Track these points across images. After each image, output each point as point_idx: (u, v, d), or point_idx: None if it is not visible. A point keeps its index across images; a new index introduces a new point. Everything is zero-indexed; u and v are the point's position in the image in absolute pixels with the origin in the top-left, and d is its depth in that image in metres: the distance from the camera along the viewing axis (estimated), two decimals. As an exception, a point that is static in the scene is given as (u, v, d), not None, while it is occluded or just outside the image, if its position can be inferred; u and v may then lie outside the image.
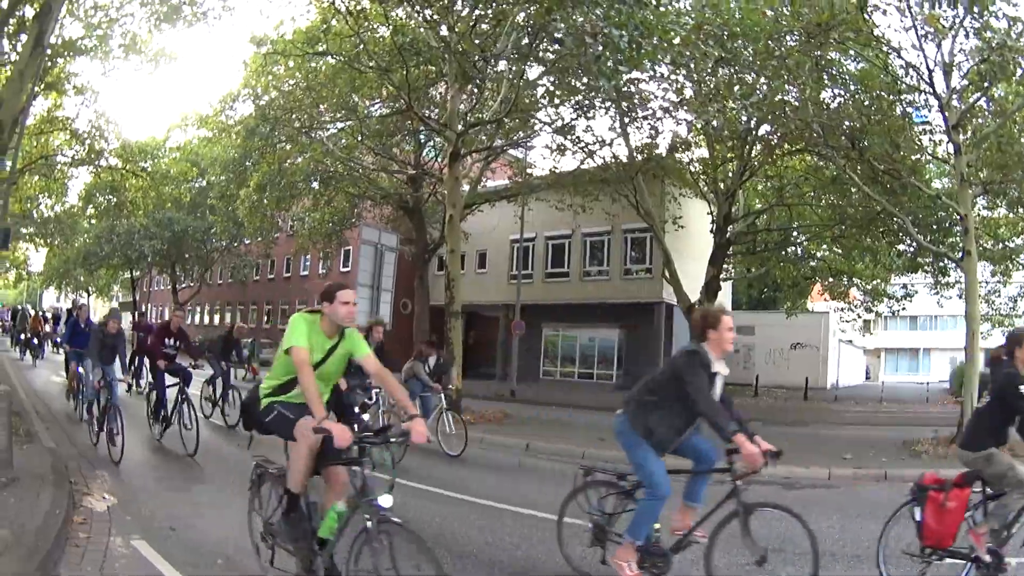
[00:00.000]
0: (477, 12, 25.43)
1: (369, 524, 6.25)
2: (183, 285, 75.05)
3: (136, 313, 74.20)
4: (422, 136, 38.83)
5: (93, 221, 62.77)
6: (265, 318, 71.61)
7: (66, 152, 41.94)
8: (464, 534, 10.22)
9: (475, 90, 29.35)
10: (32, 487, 9.37)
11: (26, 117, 28.48)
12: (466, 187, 33.45)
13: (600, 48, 20.17)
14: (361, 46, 26.81)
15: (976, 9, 18.77)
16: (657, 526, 7.98)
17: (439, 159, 40.12)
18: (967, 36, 20.33)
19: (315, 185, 38.90)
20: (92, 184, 53.23)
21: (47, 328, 41.70)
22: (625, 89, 26.71)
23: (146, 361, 21.52)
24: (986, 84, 20.43)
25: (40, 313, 45.92)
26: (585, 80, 26.50)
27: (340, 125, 33.74)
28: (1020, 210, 33.73)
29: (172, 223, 60.71)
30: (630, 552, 7.72)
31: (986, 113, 23.02)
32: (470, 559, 9.11)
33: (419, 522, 10.38)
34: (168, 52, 30.88)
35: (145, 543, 8.51)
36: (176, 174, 46.34)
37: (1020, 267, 39.45)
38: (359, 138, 33.92)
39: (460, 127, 27.18)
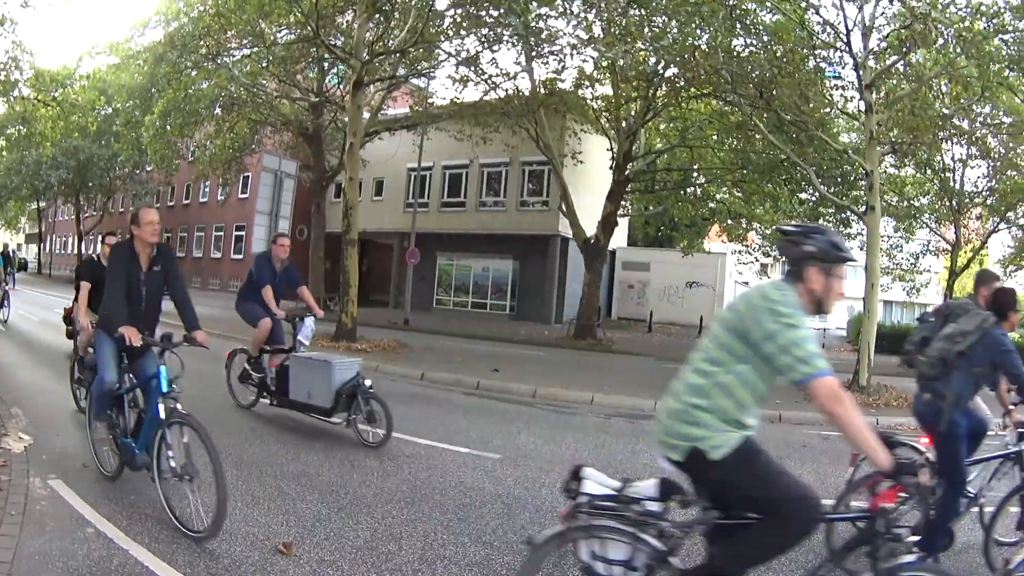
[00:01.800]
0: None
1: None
2: (86, 214, 73.80)
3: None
4: (326, 64, 38.37)
5: (4, 153, 61.50)
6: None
7: (-19, 84, 40.86)
8: (363, 464, 10.41)
9: (382, 19, 28.96)
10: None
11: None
12: (367, 115, 33.03)
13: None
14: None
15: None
16: None
17: (341, 87, 39.69)
18: (891, 1, 20.46)
19: (218, 111, 38.30)
20: (4, 115, 52.10)
21: None
22: (533, 25, 26.41)
23: None
24: (905, 49, 20.57)
25: None
26: (493, 13, 26.19)
27: (246, 51, 33.06)
28: (928, 171, 34.34)
29: (78, 152, 60.12)
30: None
31: (901, 76, 23.23)
32: (370, 488, 9.36)
33: (314, 450, 10.98)
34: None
35: (61, 482, 8.55)
36: (84, 103, 45.21)
37: (924, 225, 40.30)
38: (264, 64, 33.37)
39: (365, 56, 26.84)
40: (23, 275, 55.98)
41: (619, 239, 50.60)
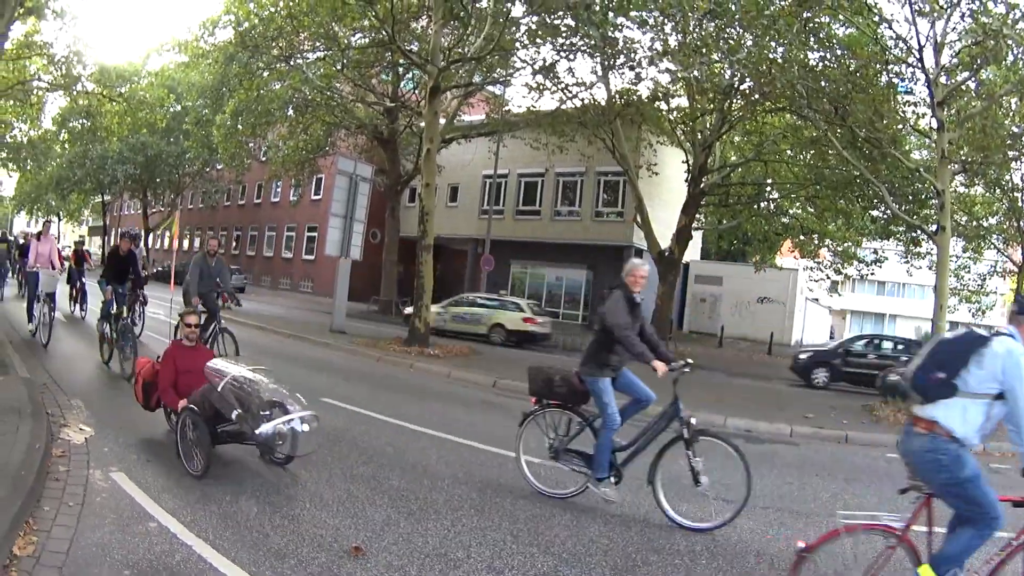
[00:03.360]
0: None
1: None
2: (153, 210, 74.65)
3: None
4: (401, 68, 38.54)
5: (67, 146, 62.19)
6: (234, 243, 71.10)
7: (43, 77, 41.35)
8: (434, 469, 10.33)
9: (458, 25, 29.14)
10: (11, 421, 9.24)
11: (4, 41, 28.09)
12: (443, 121, 33.22)
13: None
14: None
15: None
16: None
17: (417, 92, 39.90)
18: (962, 17, 20.34)
19: (291, 113, 38.74)
20: (67, 109, 52.69)
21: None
22: (611, 35, 26.47)
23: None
24: (976, 66, 20.44)
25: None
26: (569, 22, 26.28)
27: (320, 54, 33.29)
28: (997, 191, 33.99)
29: (146, 148, 61.02)
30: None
31: (972, 94, 23.04)
32: (440, 493, 9.25)
33: (385, 454, 10.84)
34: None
35: (124, 475, 8.55)
36: (152, 99, 45.66)
37: (992, 246, 39.83)
38: (338, 67, 33.53)
39: (441, 62, 26.94)
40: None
41: (692, 252, 50.39)
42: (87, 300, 25.86)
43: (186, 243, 76.89)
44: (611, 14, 22.79)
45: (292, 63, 32.50)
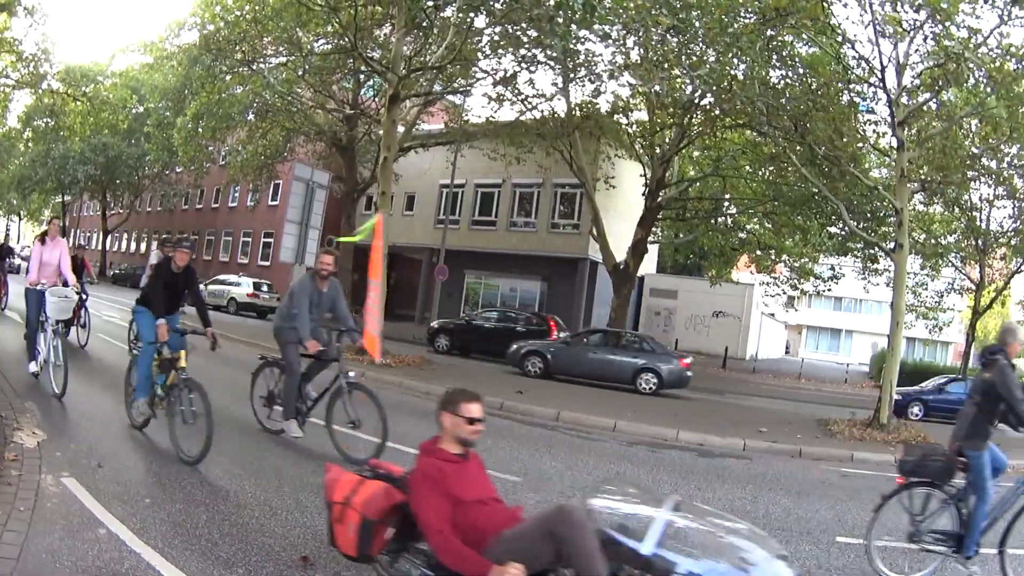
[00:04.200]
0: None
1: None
2: (112, 211, 74.01)
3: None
4: (362, 76, 38.40)
5: (31, 145, 61.86)
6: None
7: (10, 74, 41.05)
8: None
9: (420, 34, 29.06)
10: (-36, 423, 9.14)
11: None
12: (401, 129, 33.07)
13: (553, 5, 20.10)
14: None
15: (939, 16, 18.87)
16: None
17: (377, 99, 39.81)
18: (924, 40, 20.47)
19: (251, 117, 38.55)
20: (32, 107, 52.43)
21: None
22: (572, 47, 26.44)
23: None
24: (937, 87, 20.57)
25: None
26: (531, 33, 26.26)
27: (282, 59, 33.18)
28: (956, 210, 34.30)
29: (107, 148, 60.70)
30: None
31: (933, 114, 23.21)
32: None
33: (337, 463, 10.52)
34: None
35: (75, 480, 8.51)
36: (115, 100, 45.42)
37: (949, 263, 40.26)
38: (300, 73, 33.31)
39: (402, 70, 26.85)
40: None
41: (648, 266, 50.65)
42: (90, 323, 21.30)
43: (143, 246, 76.50)
44: (574, 27, 22.78)
45: (255, 67, 32.30)
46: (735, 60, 22.76)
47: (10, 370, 14.86)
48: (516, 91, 32.96)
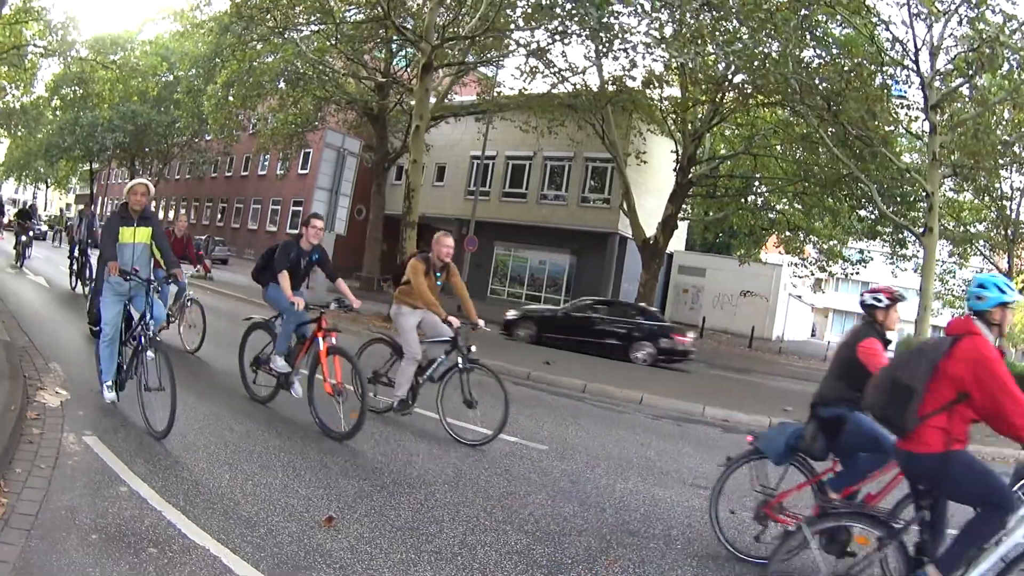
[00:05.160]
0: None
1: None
2: (149, 178, 74.07)
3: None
4: (395, 45, 38.35)
5: (58, 113, 62.00)
6: (219, 215, 70.85)
7: (38, 43, 41.19)
8: (409, 445, 10.31)
9: (454, 4, 28.97)
10: (-14, 382, 9.13)
11: (3, 6, 27.88)
12: (433, 99, 32.96)
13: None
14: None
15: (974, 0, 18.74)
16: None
17: (409, 69, 39.77)
18: (960, 23, 20.29)
19: (282, 86, 38.44)
20: (60, 75, 52.61)
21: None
22: (606, 20, 26.29)
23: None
24: (971, 72, 20.38)
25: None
26: (565, 5, 26.12)
27: (314, 27, 33.08)
28: (986, 198, 34.03)
29: (136, 116, 60.61)
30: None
31: (966, 99, 23.03)
32: (414, 468, 9.28)
33: (364, 429, 10.36)
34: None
35: (96, 439, 8.48)
36: (145, 67, 45.53)
37: (978, 252, 39.92)
38: (332, 42, 33.26)
39: (436, 40, 26.79)
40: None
41: (677, 242, 50.45)
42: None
43: (171, 214, 76.61)
44: (610, -4, 22.69)
45: (286, 36, 32.15)
46: (768, 38, 22.64)
47: (34, 329, 14.86)
48: (549, 63, 32.84)
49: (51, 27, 38.90)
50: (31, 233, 28.73)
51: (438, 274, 11.55)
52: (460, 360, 11.05)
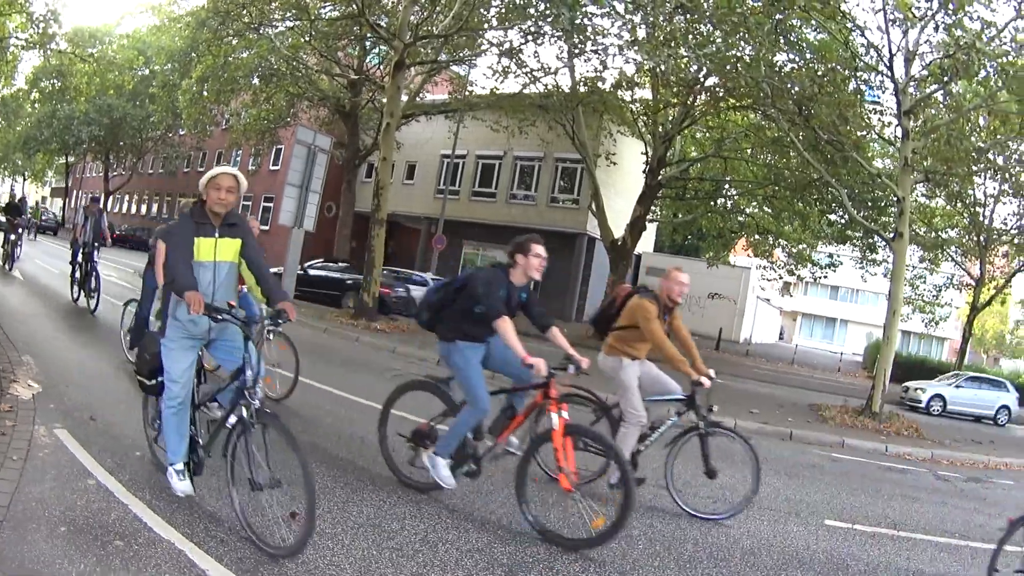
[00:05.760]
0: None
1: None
2: (115, 173, 74.23)
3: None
4: (368, 43, 38.36)
5: (37, 105, 62.07)
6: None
7: (20, 35, 41.09)
8: (373, 442, 9.82)
9: (427, 2, 29.00)
10: (-43, 374, 9.13)
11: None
12: (405, 97, 32.99)
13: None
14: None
15: (952, 6, 18.83)
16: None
17: (382, 67, 39.78)
18: (936, 29, 20.40)
19: (256, 81, 38.55)
20: (40, 68, 52.65)
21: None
22: (579, 22, 26.35)
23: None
24: (946, 79, 20.52)
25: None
26: (539, 6, 26.19)
27: (289, 24, 33.09)
28: (958, 204, 34.31)
29: (112, 110, 60.83)
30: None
31: (940, 105, 23.20)
32: (378, 465, 9.24)
33: (324, 424, 10.90)
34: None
35: (67, 432, 8.50)
36: (122, 61, 45.51)
37: (949, 258, 40.30)
38: (306, 38, 33.23)
39: (409, 38, 26.83)
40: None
41: (646, 244, 50.81)
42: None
43: (143, 208, 76.52)
44: (583, -1, 22.75)
45: (261, 32, 32.30)
46: (742, 42, 22.73)
47: (7, 322, 14.80)
48: (521, 63, 32.89)
49: (33, 19, 38.80)
50: (20, 230, 27.03)
51: (665, 317, 9.83)
52: (700, 422, 9.26)
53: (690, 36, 24.24)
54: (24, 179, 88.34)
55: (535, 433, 8.52)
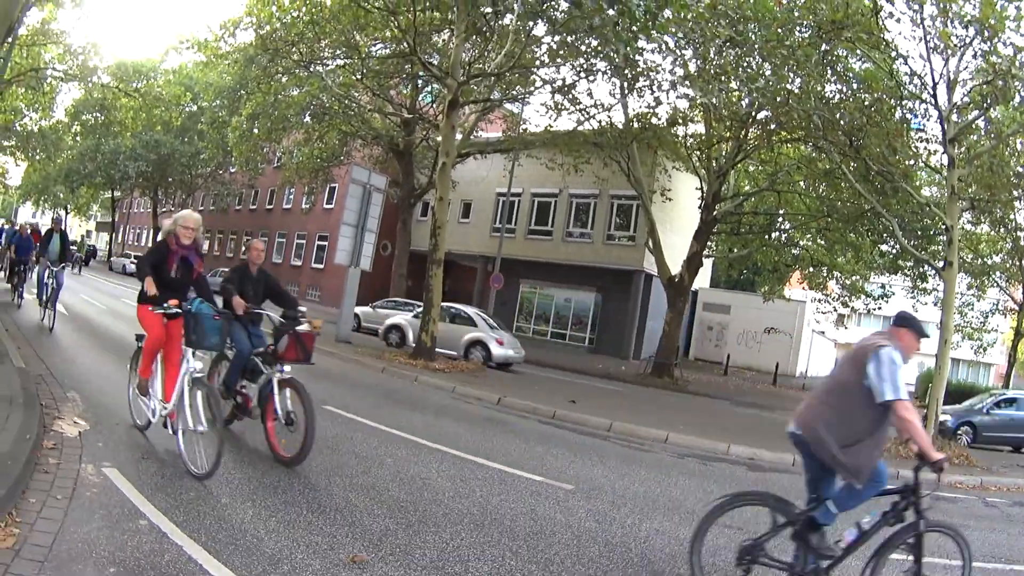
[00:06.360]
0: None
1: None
2: (164, 209, 74.10)
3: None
4: (420, 81, 38.52)
5: (79, 139, 62.36)
6: (243, 248, 70.60)
7: (57, 67, 41.57)
8: (435, 483, 10.16)
9: (479, 41, 29.20)
10: (1, 410, 9.10)
11: (19, 26, 28.03)
12: (459, 136, 33.14)
13: (615, 14, 20.19)
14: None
15: (987, 33, 18.85)
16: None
17: (435, 105, 39.97)
18: (975, 56, 20.41)
19: (307, 119, 38.76)
20: (81, 101, 52.93)
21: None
22: (632, 58, 26.45)
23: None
24: (986, 105, 20.48)
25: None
26: (591, 43, 26.35)
27: (340, 62, 33.30)
28: (1002, 230, 34.10)
29: (159, 145, 61.38)
30: None
31: (982, 132, 23.13)
32: (440, 507, 9.11)
33: (385, 465, 10.68)
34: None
35: (116, 471, 8.39)
36: (169, 97, 45.83)
37: (995, 284, 39.99)
38: (358, 77, 33.38)
39: (461, 76, 26.98)
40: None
41: (702, 280, 50.55)
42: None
43: (206, 246, 76.97)
44: (635, 33, 22.87)
45: (311, 69, 32.39)
46: (791, 74, 22.80)
47: (53, 359, 14.84)
48: (574, 100, 33.00)
49: (71, 51, 39.29)
50: (24, 266, 25.21)
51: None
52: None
53: (740, 70, 24.34)
54: (67, 212, 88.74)
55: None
